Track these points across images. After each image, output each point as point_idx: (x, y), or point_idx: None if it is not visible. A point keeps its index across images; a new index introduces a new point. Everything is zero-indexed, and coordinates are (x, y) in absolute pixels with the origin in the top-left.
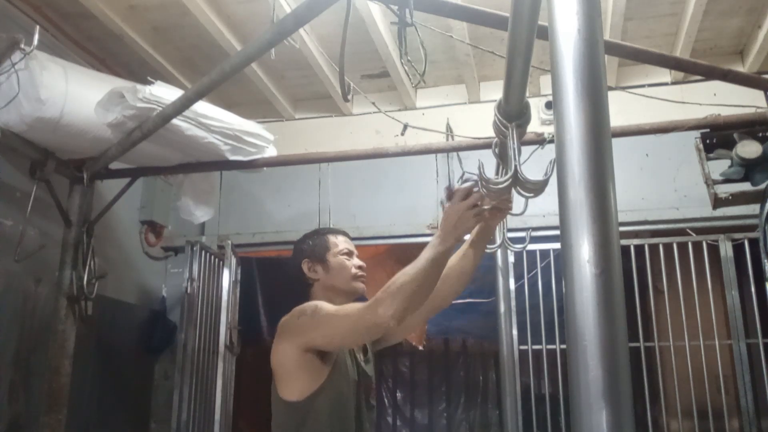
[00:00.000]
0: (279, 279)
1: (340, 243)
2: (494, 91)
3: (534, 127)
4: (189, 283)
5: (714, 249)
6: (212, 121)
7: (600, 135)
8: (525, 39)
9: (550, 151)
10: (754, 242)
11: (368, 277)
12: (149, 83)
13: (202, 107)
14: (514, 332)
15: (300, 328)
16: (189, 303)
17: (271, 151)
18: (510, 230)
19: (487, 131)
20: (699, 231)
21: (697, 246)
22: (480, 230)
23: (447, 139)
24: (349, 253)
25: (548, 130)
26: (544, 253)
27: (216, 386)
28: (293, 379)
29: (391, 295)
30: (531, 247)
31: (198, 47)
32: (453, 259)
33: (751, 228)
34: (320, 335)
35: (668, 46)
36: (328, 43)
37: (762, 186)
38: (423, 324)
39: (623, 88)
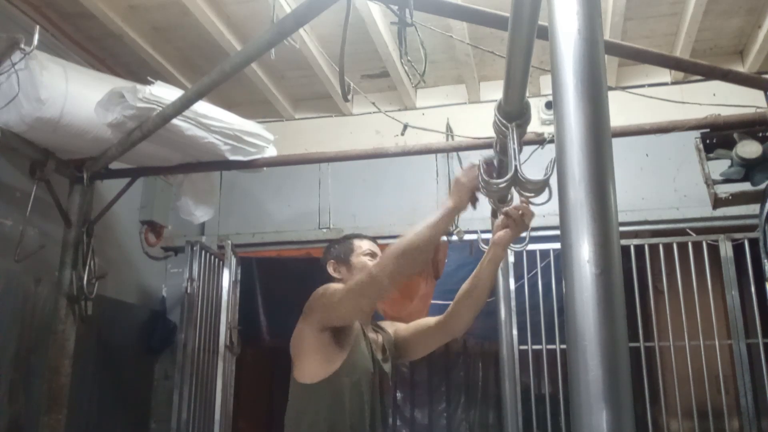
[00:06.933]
0: (279, 279)
1: (364, 245)
2: (494, 91)
3: (534, 127)
4: (189, 283)
5: (714, 249)
6: (212, 121)
7: (600, 135)
8: (525, 39)
9: (550, 151)
10: (754, 242)
11: None
12: (149, 83)
13: (202, 107)
14: (514, 332)
15: (317, 307)
16: (189, 303)
17: (271, 151)
18: None
19: (487, 131)
20: (699, 231)
21: (697, 246)
22: (492, 252)
23: (447, 139)
24: (372, 254)
25: (548, 130)
26: (544, 253)
27: (216, 386)
28: (308, 360)
29: (386, 257)
30: (531, 247)
31: (198, 47)
32: (465, 286)
33: (751, 228)
34: (333, 311)
35: (668, 46)
36: (328, 43)
37: (762, 186)
38: (437, 346)
39: (623, 88)
